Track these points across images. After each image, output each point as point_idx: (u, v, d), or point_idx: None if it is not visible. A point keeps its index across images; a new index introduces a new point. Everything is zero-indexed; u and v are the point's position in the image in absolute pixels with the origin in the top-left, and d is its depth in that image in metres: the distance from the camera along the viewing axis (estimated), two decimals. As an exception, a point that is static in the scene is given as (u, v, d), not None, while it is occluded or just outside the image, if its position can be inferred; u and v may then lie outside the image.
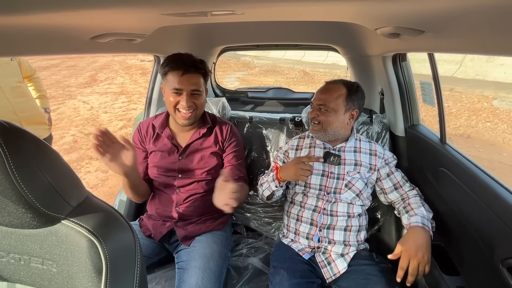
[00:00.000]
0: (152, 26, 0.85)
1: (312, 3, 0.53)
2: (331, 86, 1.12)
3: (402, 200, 1.11)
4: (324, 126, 1.11)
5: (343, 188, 1.11)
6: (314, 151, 1.18)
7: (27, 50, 0.80)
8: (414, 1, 0.50)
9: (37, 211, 0.48)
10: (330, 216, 1.10)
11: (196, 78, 1.04)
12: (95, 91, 7.28)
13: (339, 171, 1.13)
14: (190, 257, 1.05)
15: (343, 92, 1.09)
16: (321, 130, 1.12)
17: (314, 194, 1.14)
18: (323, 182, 1.13)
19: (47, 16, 0.52)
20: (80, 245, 0.51)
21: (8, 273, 0.57)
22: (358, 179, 1.12)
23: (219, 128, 1.18)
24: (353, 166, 1.13)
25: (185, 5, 0.50)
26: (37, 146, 0.50)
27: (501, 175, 3.14)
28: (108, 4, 0.47)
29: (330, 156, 1.12)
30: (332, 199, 1.11)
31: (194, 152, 1.14)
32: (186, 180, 1.14)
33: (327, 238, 1.09)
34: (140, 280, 0.57)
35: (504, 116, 5.09)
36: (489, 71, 7.08)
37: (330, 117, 1.10)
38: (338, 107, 1.09)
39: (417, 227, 0.95)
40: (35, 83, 1.88)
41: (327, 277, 1.05)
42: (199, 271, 0.99)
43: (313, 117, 1.13)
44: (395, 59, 1.34)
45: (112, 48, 1.00)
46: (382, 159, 1.15)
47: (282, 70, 10.62)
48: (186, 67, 1.01)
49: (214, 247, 1.09)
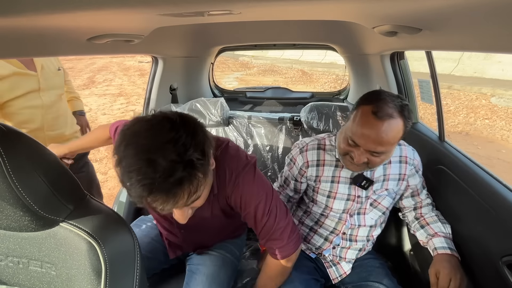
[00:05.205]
0: (149, 26, 0.85)
1: (309, 2, 0.53)
2: (390, 126, 0.78)
3: (414, 209, 1.04)
4: (372, 166, 0.87)
5: (368, 208, 0.99)
6: (340, 172, 0.97)
7: (24, 51, 0.80)
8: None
9: (35, 214, 0.48)
10: (349, 240, 1.02)
11: (191, 198, 0.58)
12: (94, 93, 7.25)
13: (367, 193, 0.97)
14: (202, 261, 0.98)
15: (401, 125, 0.79)
16: (364, 169, 0.90)
17: (335, 217, 1.01)
18: (347, 206, 0.98)
19: (43, 17, 0.52)
20: (79, 247, 0.51)
21: (7, 277, 0.57)
22: (385, 197, 0.98)
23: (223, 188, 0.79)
24: (380, 183, 0.97)
25: (181, 5, 0.50)
26: (34, 149, 0.50)
27: (500, 172, 3.15)
28: (104, 5, 0.46)
29: (362, 180, 0.93)
30: (355, 224, 1.00)
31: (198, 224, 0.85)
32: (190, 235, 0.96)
33: (339, 256, 1.04)
34: (139, 282, 0.57)
35: (502, 113, 5.10)
36: (487, 69, 7.10)
37: (384, 159, 0.85)
38: (395, 146, 0.84)
39: (446, 255, 0.89)
40: (67, 85, 1.72)
41: (333, 277, 1.03)
42: (206, 280, 0.91)
43: (359, 161, 0.83)
44: (393, 57, 1.34)
45: (110, 49, 0.99)
46: (412, 165, 0.98)
47: (281, 69, 10.61)
48: (166, 193, 0.54)
49: (227, 256, 1.01)
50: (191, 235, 0.96)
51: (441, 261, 0.88)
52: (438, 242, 0.93)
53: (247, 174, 0.78)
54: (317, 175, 0.99)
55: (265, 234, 0.82)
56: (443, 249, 0.90)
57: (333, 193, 0.99)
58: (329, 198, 0.99)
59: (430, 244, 0.95)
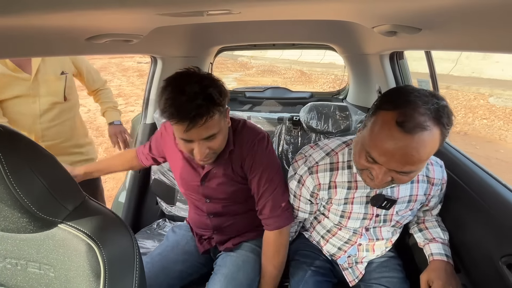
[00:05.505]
0: (148, 26, 0.84)
1: (308, 2, 0.53)
2: (422, 140, 0.60)
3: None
4: (398, 183, 0.71)
5: (388, 227, 0.92)
6: (355, 192, 0.85)
7: (23, 51, 0.79)
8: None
9: (33, 216, 0.48)
10: (366, 251, 0.97)
11: (207, 124, 0.75)
12: (92, 93, 7.23)
13: (387, 212, 0.86)
14: (223, 263, 1.01)
15: (437, 136, 0.62)
16: (389, 185, 0.75)
17: (349, 230, 0.94)
18: (364, 224, 0.90)
19: (42, 17, 0.52)
20: (77, 249, 0.50)
21: (5, 279, 0.56)
22: (408, 217, 0.89)
23: (240, 148, 0.92)
24: (406, 204, 0.85)
25: (180, 5, 0.50)
26: (32, 150, 0.50)
27: (499, 172, 3.15)
28: (103, 5, 0.46)
29: (383, 202, 0.80)
30: (372, 237, 0.93)
31: (215, 179, 0.97)
32: (215, 205, 1.02)
33: (354, 262, 1.01)
34: (139, 284, 0.56)
35: (500, 113, 5.12)
36: (485, 69, 7.13)
37: (413, 176, 0.69)
38: (428, 159, 0.66)
39: (442, 261, 0.86)
40: (101, 95, 1.59)
41: (349, 280, 1.00)
42: (224, 280, 0.93)
43: (381, 182, 0.69)
44: (392, 57, 1.35)
45: (109, 49, 0.99)
46: (438, 186, 0.86)
47: (279, 70, 10.62)
48: (192, 118, 0.73)
49: (249, 255, 1.02)
50: (217, 219, 1.04)
51: (436, 270, 0.85)
52: (435, 247, 0.91)
53: (262, 142, 0.93)
54: (330, 198, 0.89)
55: (263, 201, 0.93)
56: (440, 255, 0.88)
57: (347, 213, 0.89)
58: (343, 218, 0.90)
59: (426, 248, 0.93)
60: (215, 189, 0.98)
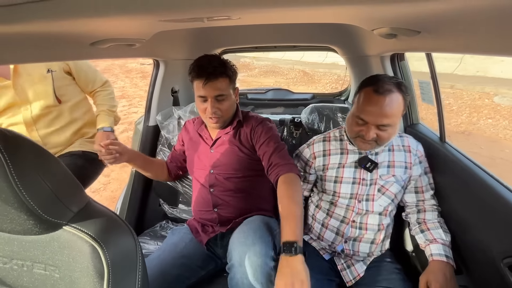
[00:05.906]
0: (150, 31, 0.86)
1: (308, 6, 0.54)
2: (391, 99, 0.89)
3: (417, 212, 1.05)
4: (381, 142, 0.95)
5: (376, 194, 1.02)
6: (346, 158, 1.05)
7: (28, 57, 0.81)
8: (410, 3, 0.50)
9: (38, 218, 0.49)
10: (359, 229, 1.03)
11: (219, 83, 1.01)
12: (96, 95, 7.29)
13: (372, 176, 1.02)
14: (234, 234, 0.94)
15: (401, 98, 0.91)
16: (375, 146, 0.97)
17: (344, 204, 1.05)
18: (354, 190, 1.03)
19: (47, 24, 0.53)
20: (82, 250, 0.51)
21: (11, 279, 0.57)
22: (393, 183, 1.01)
23: (248, 122, 1.13)
24: (386, 169, 1.01)
25: (181, 12, 0.51)
26: (37, 153, 0.51)
27: (504, 172, 3.13)
28: (106, 12, 0.47)
29: (367, 162, 0.99)
30: (363, 210, 1.02)
31: (223, 145, 1.12)
32: (218, 176, 1.11)
33: (352, 250, 1.04)
34: (141, 285, 0.58)
35: (505, 112, 5.06)
36: (490, 68, 7.05)
37: (391, 133, 0.93)
38: (399, 119, 0.93)
39: (442, 262, 0.89)
40: (97, 97, 1.43)
41: (346, 280, 1.03)
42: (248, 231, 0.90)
43: (369, 137, 0.93)
44: (393, 58, 1.35)
45: (112, 53, 1.00)
46: (415, 155, 1.03)
47: (282, 70, 10.61)
48: (208, 74, 1.00)
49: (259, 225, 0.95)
50: (219, 193, 1.11)
51: (434, 272, 0.88)
52: (435, 248, 0.92)
53: (268, 120, 1.14)
54: (324, 164, 1.08)
55: (273, 156, 1.01)
56: (439, 256, 0.90)
57: (339, 178, 1.05)
58: (336, 183, 1.05)
59: (427, 249, 0.95)
60: (222, 155, 1.12)
